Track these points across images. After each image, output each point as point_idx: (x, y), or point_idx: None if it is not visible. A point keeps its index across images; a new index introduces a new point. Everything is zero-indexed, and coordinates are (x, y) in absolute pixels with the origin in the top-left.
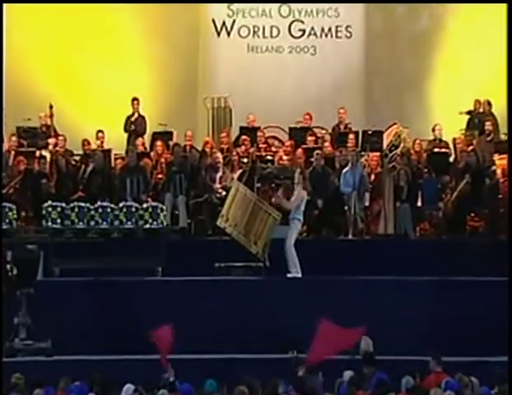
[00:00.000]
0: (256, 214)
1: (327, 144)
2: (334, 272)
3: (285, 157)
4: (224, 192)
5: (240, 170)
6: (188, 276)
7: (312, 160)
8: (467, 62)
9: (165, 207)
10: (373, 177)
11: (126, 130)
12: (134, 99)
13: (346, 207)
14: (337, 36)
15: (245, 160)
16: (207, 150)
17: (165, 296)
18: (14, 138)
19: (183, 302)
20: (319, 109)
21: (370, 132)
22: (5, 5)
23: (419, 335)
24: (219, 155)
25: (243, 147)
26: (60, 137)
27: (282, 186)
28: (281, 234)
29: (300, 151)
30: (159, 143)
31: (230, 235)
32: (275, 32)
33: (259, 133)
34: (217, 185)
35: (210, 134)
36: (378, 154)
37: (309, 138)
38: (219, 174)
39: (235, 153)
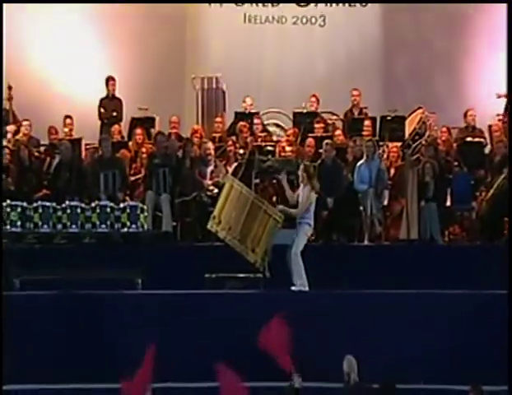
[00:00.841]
0: (254, 215)
1: (338, 132)
2: (347, 285)
3: (288, 148)
4: (216, 190)
5: (235, 163)
6: (173, 289)
7: (321, 151)
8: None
9: (145, 207)
10: (393, 171)
11: (100, 116)
12: (109, 78)
13: (361, 208)
14: (350, 4)
15: (241, 151)
16: (196, 139)
17: (145, 313)
18: None
19: (167, 320)
20: (329, 91)
21: (389, 118)
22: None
23: (447, 360)
24: (210, 145)
25: (238, 136)
26: (25, 122)
27: (277, 182)
28: (285, 239)
29: (310, 140)
30: (138, 131)
31: (223, 241)
32: None
33: (258, 120)
34: (208, 181)
35: (199, 121)
36: (399, 144)
37: (317, 125)
38: (210, 168)
39: (229, 143)
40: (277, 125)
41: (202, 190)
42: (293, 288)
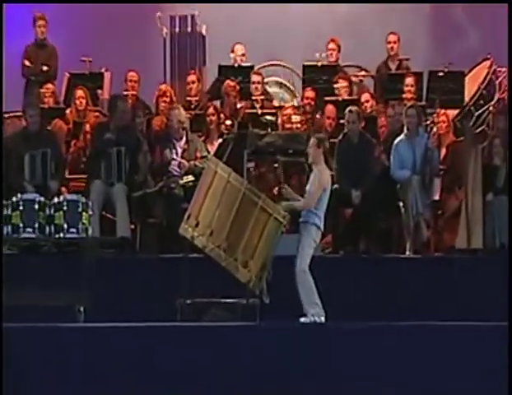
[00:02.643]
0: (247, 214)
1: (366, 96)
2: (380, 315)
3: (296, 117)
4: (191, 178)
5: (220, 140)
6: (128, 320)
7: (342, 122)
8: None
9: (90, 203)
10: (444, 152)
11: (23, 71)
12: (37, 17)
13: (400, 204)
14: None
15: (228, 122)
16: (164, 105)
17: (90, 356)
18: None
19: (120, 365)
20: (354, 36)
21: (441, 75)
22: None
23: None
24: (183, 113)
25: (224, 100)
26: None
27: (279, 166)
28: (291, 248)
29: (328, 107)
30: (80, 93)
31: (202, 251)
32: None
33: (257, 77)
34: (180, 165)
35: (167, 78)
36: (455, 112)
37: (338, 85)
38: (183, 147)
39: (210, 110)
40: (280, 84)
41: (172, 178)
42: (303, 320)
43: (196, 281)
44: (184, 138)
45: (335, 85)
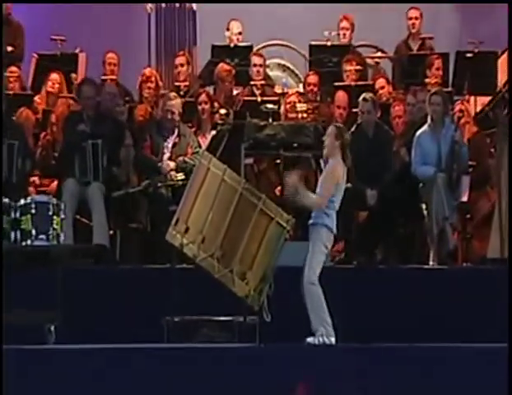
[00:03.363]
0: (244, 218)
1: (382, 82)
2: (400, 335)
3: (301, 106)
4: (181, 176)
5: (213, 132)
6: (107, 342)
7: (356, 111)
8: None
9: (62, 206)
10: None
11: None
12: None
13: (423, 206)
14: None
15: (223, 111)
16: (148, 91)
17: (61, 383)
18: None
19: (97, 393)
20: (369, 10)
21: (470, 55)
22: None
23: None
24: (172, 100)
25: (218, 86)
26: None
27: (282, 162)
28: (296, 257)
29: (339, 94)
30: (52, 77)
31: (192, 261)
32: None
33: (257, 58)
34: (167, 162)
35: (152, 60)
36: (487, 98)
37: (351, 67)
38: (171, 140)
39: (202, 97)
40: (283, 67)
41: (159, 177)
42: (309, 340)
43: (185, 296)
44: (175, 132)
45: (345, 68)
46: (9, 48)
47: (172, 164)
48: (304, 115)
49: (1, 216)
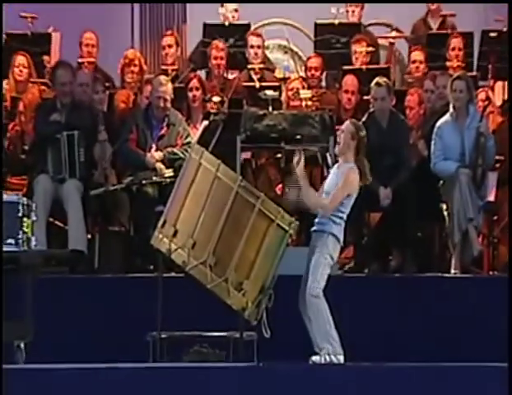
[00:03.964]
0: (240, 220)
1: (417, 54)
2: (418, 353)
3: (305, 92)
4: (168, 172)
5: (205, 122)
6: (84, 361)
7: (367, 98)
8: None
9: (34, 206)
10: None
11: None
12: None
13: (443, 206)
14: None
15: (216, 98)
16: (130, 76)
17: None
18: None
19: None
20: None
21: (494, 35)
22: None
23: None
24: (163, 83)
25: (211, 71)
26: None
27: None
28: (299, 265)
29: (348, 78)
30: (20, 61)
31: (181, 269)
32: None
33: (255, 38)
34: (154, 155)
35: (136, 42)
36: None
37: (360, 49)
38: (159, 131)
39: (193, 83)
40: (285, 49)
41: (143, 173)
42: (314, 359)
43: (174, 309)
44: (164, 121)
45: (355, 49)
46: None
47: (157, 155)
48: (309, 103)
49: (1, 216)
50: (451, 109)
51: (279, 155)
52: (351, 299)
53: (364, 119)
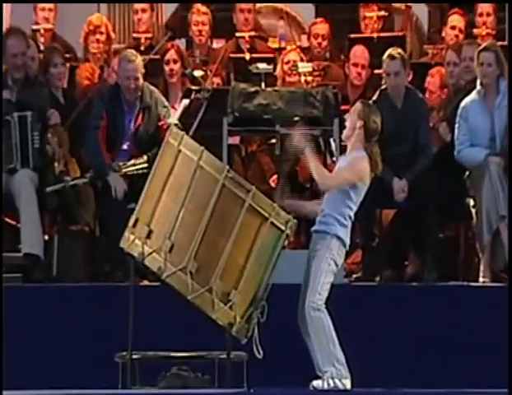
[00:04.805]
0: (227, 218)
1: (457, 19)
2: (438, 377)
3: (304, 66)
4: (140, 161)
5: (185, 101)
6: (42, 385)
7: (379, 72)
8: None
9: None
10: None
11: None
12: None
13: (470, 202)
14: None
15: (199, 72)
16: (95, 46)
17: None
18: None
19: None
20: None
21: None
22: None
23: None
24: (131, 59)
25: (193, 40)
26: None
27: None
28: (297, 272)
29: (356, 49)
30: None
31: (157, 277)
32: None
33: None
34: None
35: (103, 5)
36: None
37: (370, 14)
38: (131, 118)
39: (170, 55)
40: (281, 13)
41: (111, 164)
42: (316, 384)
43: (148, 324)
44: (137, 104)
45: (364, 14)
46: None
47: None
48: (309, 78)
49: (1, 217)
50: (478, 86)
51: (273, 141)
52: (359, 312)
53: (375, 98)
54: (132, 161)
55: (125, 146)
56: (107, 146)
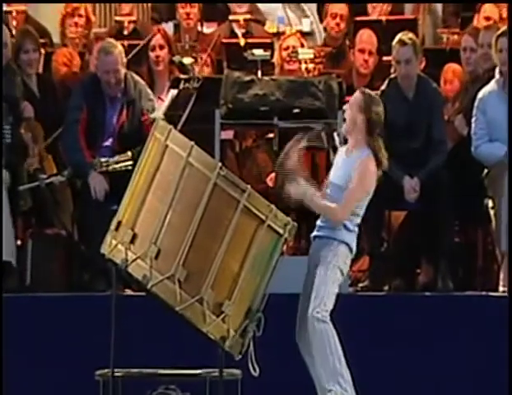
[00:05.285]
0: (220, 221)
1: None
2: None
3: (305, 52)
4: (123, 158)
5: (173, 91)
6: None
7: (389, 59)
8: None
9: None
10: None
11: None
12: None
13: (489, 203)
14: None
15: (187, 59)
16: (73, 30)
17: None
18: None
19: None
20: None
21: None
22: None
23: None
24: (110, 50)
25: (180, 24)
26: None
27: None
28: (298, 280)
29: (363, 32)
30: None
31: (142, 287)
32: None
33: None
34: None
35: None
36: None
37: None
38: (113, 114)
39: (157, 40)
40: None
41: (91, 161)
42: None
43: (132, 338)
44: (117, 89)
45: None
46: None
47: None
48: (311, 66)
49: (1, 217)
50: (497, 75)
51: (271, 135)
52: (365, 325)
53: (383, 87)
54: (115, 158)
55: (107, 143)
56: (87, 141)
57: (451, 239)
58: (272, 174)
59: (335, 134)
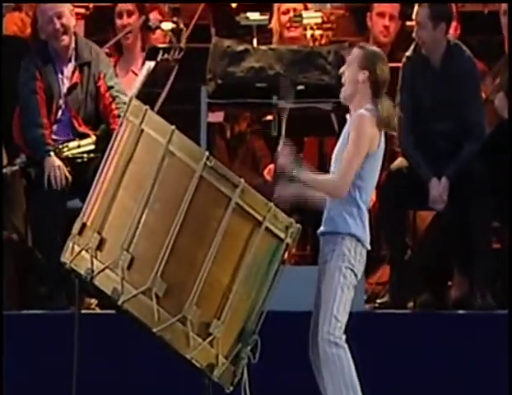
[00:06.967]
0: (207, 222)
1: None
2: None
3: (310, 16)
4: (87, 142)
5: (150, 64)
6: None
7: (412, 24)
8: None
9: None
10: None
11: None
12: None
13: None
14: None
15: (167, 25)
16: None
17: None
18: None
19: None
20: None
21: None
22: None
23: None
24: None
25: None
26: None
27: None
28: (303, 295)
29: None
30: None
31: (111, 302)
32: None
33: None
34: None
35: None
36: None
37: None
38: (62, 75)
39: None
40: None
41: (47, 145)
42: None
43: (98, 365)
44: (74, 58)
45: None
46: None
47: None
48: (317, 33)
49: (1, 215)
50: None
51: (269, 117)
52: (385, 348)
53: (408, 53)
54: (75, 142)
55: (60, 115)
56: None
57: (489, 246)
58: (271, 166)
59: (348, 116)
